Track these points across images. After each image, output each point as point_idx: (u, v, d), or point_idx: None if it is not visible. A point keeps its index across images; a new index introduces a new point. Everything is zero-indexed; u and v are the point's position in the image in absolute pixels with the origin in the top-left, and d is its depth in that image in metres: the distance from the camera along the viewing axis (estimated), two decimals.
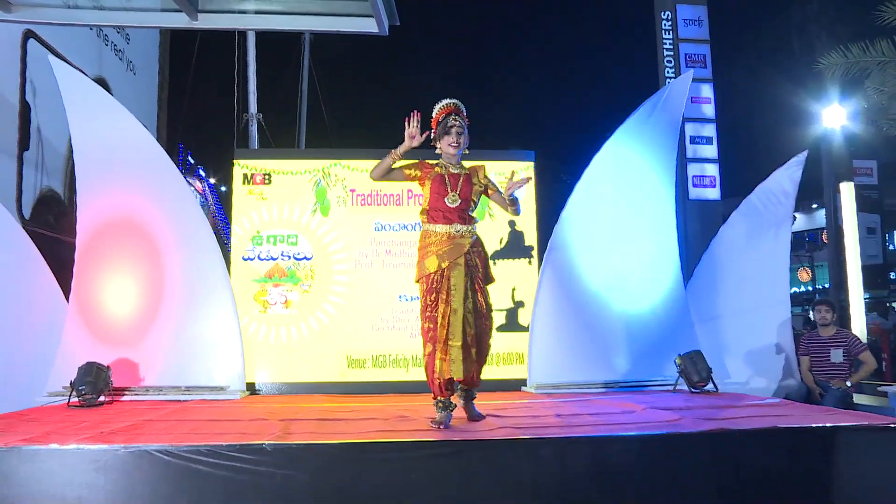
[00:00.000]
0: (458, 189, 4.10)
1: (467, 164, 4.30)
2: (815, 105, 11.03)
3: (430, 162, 4.21)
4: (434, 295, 4.03)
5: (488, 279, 4.19)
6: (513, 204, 4.18)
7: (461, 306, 3.99)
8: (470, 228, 4.13)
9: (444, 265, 4.01)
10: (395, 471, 3.29)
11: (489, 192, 4.25)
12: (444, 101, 4.23)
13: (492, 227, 6.60)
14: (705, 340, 6.22)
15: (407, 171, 4.18)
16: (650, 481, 3.42)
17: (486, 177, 4.24)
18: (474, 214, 4.23)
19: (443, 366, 3.95)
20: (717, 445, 3.53)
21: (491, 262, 4.38)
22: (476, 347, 4.06)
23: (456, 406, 4.09)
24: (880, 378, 8.61)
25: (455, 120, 4.14)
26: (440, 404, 4.03)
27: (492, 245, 6.54)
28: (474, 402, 4.31)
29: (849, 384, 5.99)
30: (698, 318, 6.45)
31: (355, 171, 6.68)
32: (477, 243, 4.17)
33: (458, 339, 3.96)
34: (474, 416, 4.22)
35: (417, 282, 4.16)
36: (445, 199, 4.08)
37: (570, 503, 3.35)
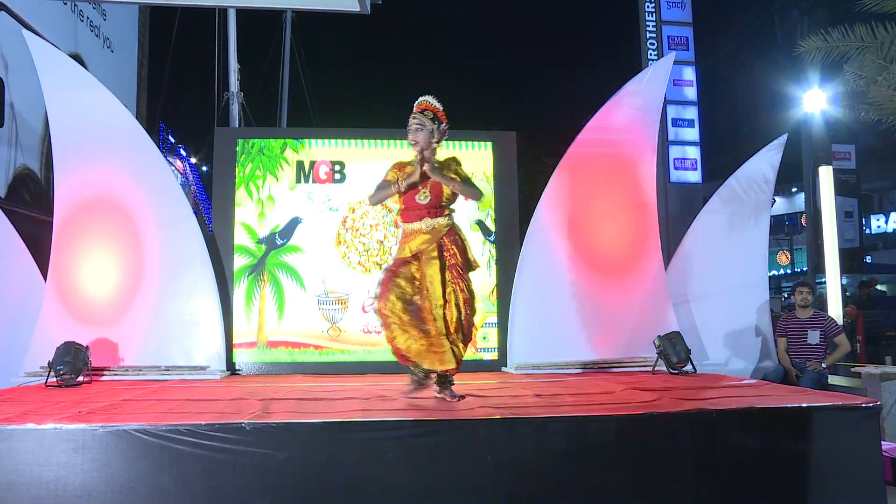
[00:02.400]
0: (429, 186, 4.10)
1: (442, 156, 4.27)
2: (795, 89, 11.06)
3: (404, 161, 4.23)
4: (388, 278, 4.06)
5: (469, 266, 4.17)
6: (473, 195, 4.21)
7: (441, 299, 4.01)
8: (443, 221, 4.11)
9: (409, 255, 4.07)
10: (374, 450, 3.30)
11: (458, 187, 4.16)
12: (418, 100, 4.24)
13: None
14: (684, 322, 6.29)
15: (393, 188, 4.15)
16: (628, 461, 3.45)
17: (456, 170, 4.19)
18: (451, 206, 4.20)
19: (405, 345, 4.01)
20: (695, 425, 3.56)
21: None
22: (460, 333, 4.06)
23: (426, 372, 4.11)
24: (854, 360, 8.73)
25: (413, 119, 4.14)
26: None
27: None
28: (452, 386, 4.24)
29: (823, 366, 6.06)
30: (678, 300, 6.50)
31: (336, 149, 6.66)
32: (451, 232, 4.14)
33: (437, 330, 4.01)
34: (452, 399, 4.15)
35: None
36: (416, 197, 4.11)
37: (549, 482, 3.37)
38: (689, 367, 5.67)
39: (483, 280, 6.45)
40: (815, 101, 10.17)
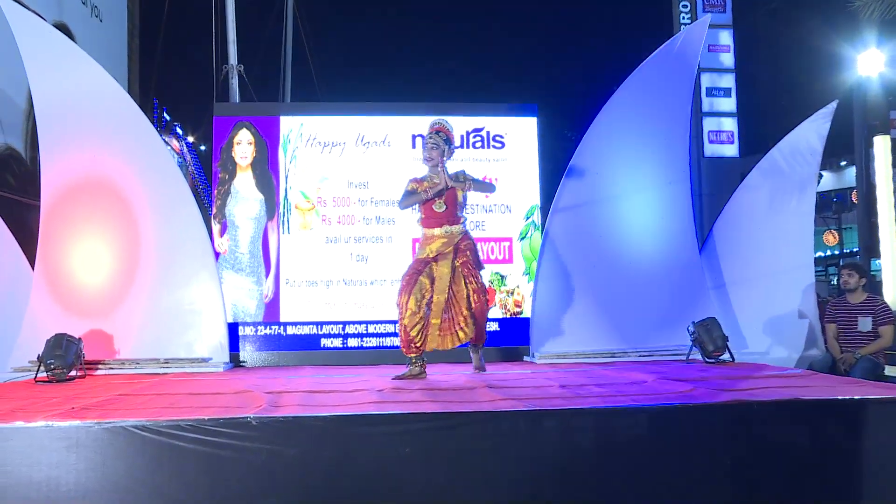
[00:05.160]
0: (444, 197, 5.00)
1: (452, 169, 5.11)
2: (848, 50, 10.82)
3: (418, 176, 5.15)
4: (412, 274, 4.95)
5: (479, 264, 5.12)
6: (486, 190, 5.42)
7: (445, 292, 4.92)
8: (458, 228, 5.04)
9: (430, 256, 4.97)
10: (389, 445, 3.31)
11: (470, 188, 5.12)
12: (433, 121, 5.17)
13: None
14: (721, 307, 6.26)
15: (422, 195, 5.03)
16: (661, 456, 3.44)
17: (465, 178, 5.10)
18: (463, 214, 5.11)
19: (416, 334, 4.91)
20: (733, 418, 3.54)
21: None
22: (473, 318, 4.96)
23: (423, 364, 5.00)
24: None
25: (430, 139, 5.09)
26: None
27: None
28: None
29: (857, 356, 5.93)
30: (713, 284, 6.47)
31: (341, 124, 6.67)
32: (465, 238, 5.08)
33: (437, 317, 4.93)
34: (480, 366, 5.18)
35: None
36: (434, 207, 5.02)
37: (575, 479, 3.38)
38: (726, 356, 5.65)
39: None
40: (871, 62, 9.97)
